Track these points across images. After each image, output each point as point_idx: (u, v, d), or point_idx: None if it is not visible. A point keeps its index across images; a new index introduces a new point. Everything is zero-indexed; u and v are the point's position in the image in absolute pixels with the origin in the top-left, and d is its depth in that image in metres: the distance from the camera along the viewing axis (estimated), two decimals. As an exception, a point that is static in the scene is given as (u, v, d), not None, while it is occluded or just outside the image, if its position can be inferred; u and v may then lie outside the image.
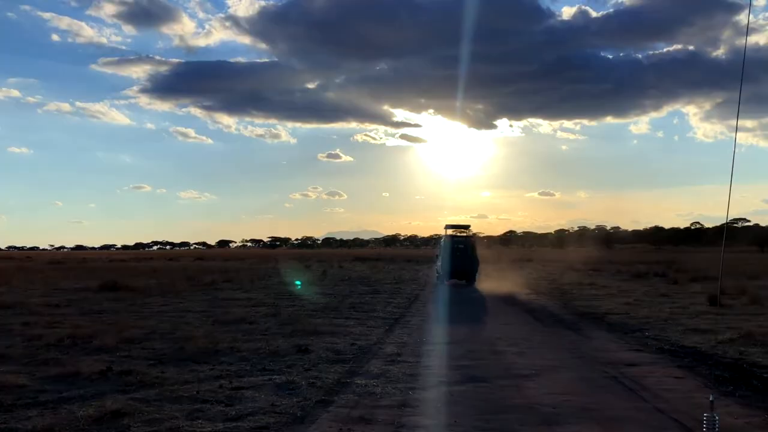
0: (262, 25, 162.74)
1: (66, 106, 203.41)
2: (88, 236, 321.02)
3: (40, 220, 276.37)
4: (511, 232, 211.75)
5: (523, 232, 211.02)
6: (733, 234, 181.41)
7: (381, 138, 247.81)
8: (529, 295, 25.62)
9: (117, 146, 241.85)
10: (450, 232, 32.74)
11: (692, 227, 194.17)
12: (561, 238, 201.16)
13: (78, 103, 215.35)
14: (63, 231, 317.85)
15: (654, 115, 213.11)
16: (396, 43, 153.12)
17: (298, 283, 28.99)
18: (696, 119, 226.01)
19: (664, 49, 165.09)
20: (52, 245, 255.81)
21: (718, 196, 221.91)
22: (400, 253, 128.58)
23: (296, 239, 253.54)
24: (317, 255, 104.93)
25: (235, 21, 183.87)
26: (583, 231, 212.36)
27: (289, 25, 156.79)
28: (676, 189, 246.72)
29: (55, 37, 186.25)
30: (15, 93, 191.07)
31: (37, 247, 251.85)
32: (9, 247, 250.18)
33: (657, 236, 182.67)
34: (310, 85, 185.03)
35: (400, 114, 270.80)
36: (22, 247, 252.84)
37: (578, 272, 43.19)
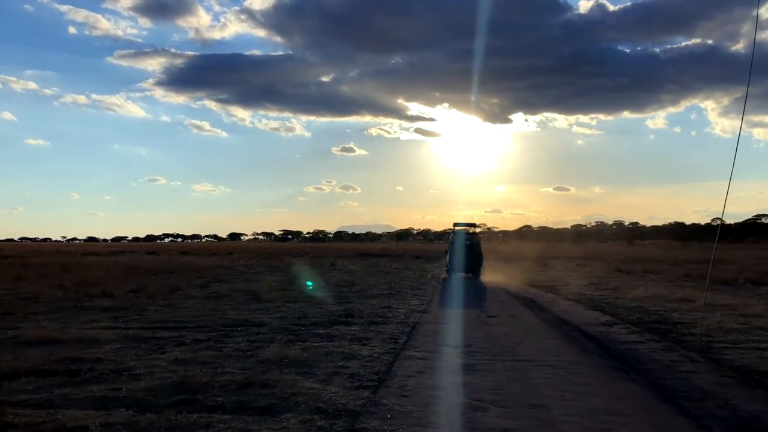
0: (278, 17, 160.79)
1: (82, 99, 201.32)
2: (103, 228, 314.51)
3: (56, 212, 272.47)
4: (527, 226, 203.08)
5: (539, 227, 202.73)
6: (760, 230, 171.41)
7: (395, 132, 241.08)
8: (633, 342, 14.77)
9: (132, 139, 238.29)
10: (458, 230, 33.87)
11: (713, 223, 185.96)
12: (579, 233, 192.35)
13: (94, 96, 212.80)
14: (79, 223, 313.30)
15: (671, 110, 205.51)
16: (411, 36, 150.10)
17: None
18: (714, 114, 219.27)
19: (683, 44, 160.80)
20: (64, 236, 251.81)
21: (736, 192, 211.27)
22: (411, 247, 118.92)
23: (308, 233, 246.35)
24: (322, 249, 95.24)
25: (250, 14, 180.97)
26: (601, 226, 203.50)
27: (304, 18, 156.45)
28: (693, 185, 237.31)
29: (71, 30, 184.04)
30: (32, 85, 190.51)
31: (50, 239, 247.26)
32: (21, 239, 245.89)
33: (679, 232, 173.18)
34: (325, 79, 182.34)
35: (414, 108, 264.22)
36: (35, 239, 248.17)
37: (634, 277, 32.68)
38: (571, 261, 56.03)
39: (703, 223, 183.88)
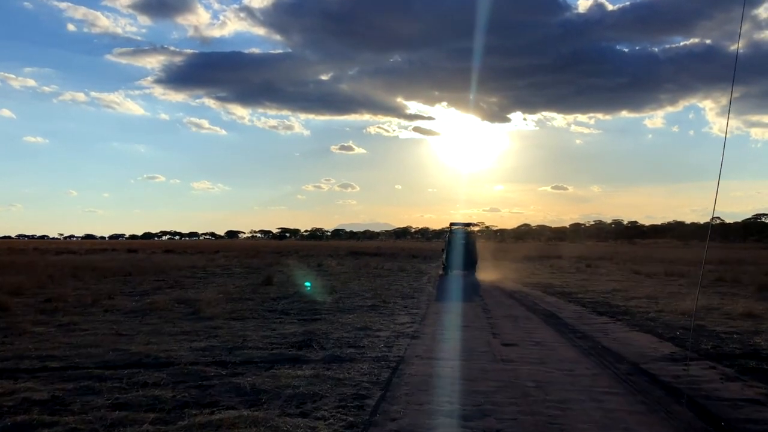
0: (277, 16, 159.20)
1: (81, 96, 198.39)
2: (101, 225, 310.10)
3: (55, 209, 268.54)
4: (525, 225, 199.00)
5: (538, 226, 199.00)
6: (761, 229, 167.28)
7: (394, 130, 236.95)
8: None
9: (131, 136, 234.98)
10: (455, 229, 34.13)
11: (713, 222, 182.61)
12: (578, 231, 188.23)
13: (93, 93, 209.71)
14: (77, 220, 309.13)
15: (670, 109, 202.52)
16: (410, 35, 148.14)
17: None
18: (712, 114, 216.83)
19: (681, 43, 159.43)
20: (62, 234, 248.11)
21: (733, 192, 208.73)
22: (408, 246, 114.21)
23: (306, 231, 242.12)
24: (316, 248, 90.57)
25: (249, 12, 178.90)
26: (600, 225, 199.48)
27: (303, 16, 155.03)
28: (690, 184, 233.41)
29: (71, 27, 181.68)
30: (31, 82, 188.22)
31: (47, 236, 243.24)
32: (19, 236, 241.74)
33: (681, 232, 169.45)
34: (324, 77, 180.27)
35: (413, 106, 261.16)
36: (32, 236, 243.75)
37: (660, 281, 28.09)
38: (578, 261, 51.47)
39: (702, 222, 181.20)
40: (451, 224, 34.99)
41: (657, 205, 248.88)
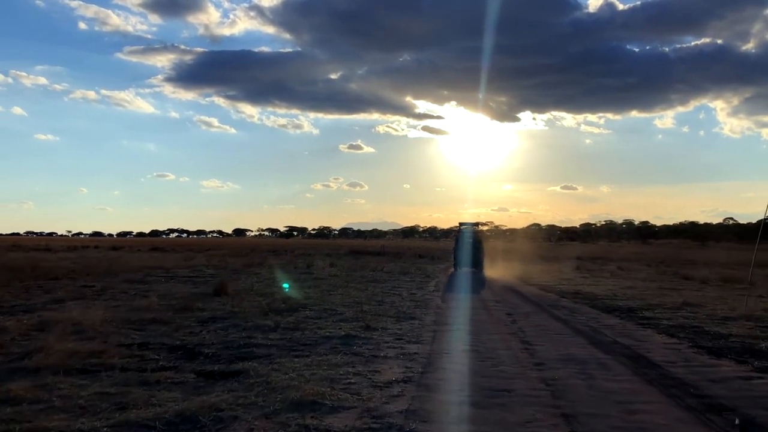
0: (287, 14, 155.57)
1: (92, 94, 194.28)
2: (111, 223, 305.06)
3: (66, 207, 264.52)
4: (535, 224, 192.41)
5: (548, 226, 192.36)
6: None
7: (403, 129, 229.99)
8: None
9: (141, 134, 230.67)
10: (463, 229, 35.13)
11: (725, 223, 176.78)
12: (588, 231, 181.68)
13: (103, 91, 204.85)
14: (87, 217, 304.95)
15: (680, 109, 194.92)
16: (419, 34, 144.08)
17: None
18: (723, 114, 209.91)
19: (692, 43, 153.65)
20: (70, 231, 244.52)
21: (743, 193, 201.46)
22: (415, 245, 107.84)
23: (313, 229, 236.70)
24: (319, 246, 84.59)
25: (259, 10, 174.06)
26: (611, 225, 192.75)
27: (313, 15, 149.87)
28: (700, 185, 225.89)
29: (81, 26, 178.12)
30: (42, 80, 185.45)
31: (55, 233, 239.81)
32: (27, 233, 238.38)
33: (695, 232, 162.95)
34: (333, 76, 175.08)
35: (422, 105, 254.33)
36: (41, 233, 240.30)
37: (722, 290, 21.63)
38: (603, 263, 45.13)
39: (714, 222, 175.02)
40: (461, 224, 36.22)
41: (666, 205, 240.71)
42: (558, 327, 12.47)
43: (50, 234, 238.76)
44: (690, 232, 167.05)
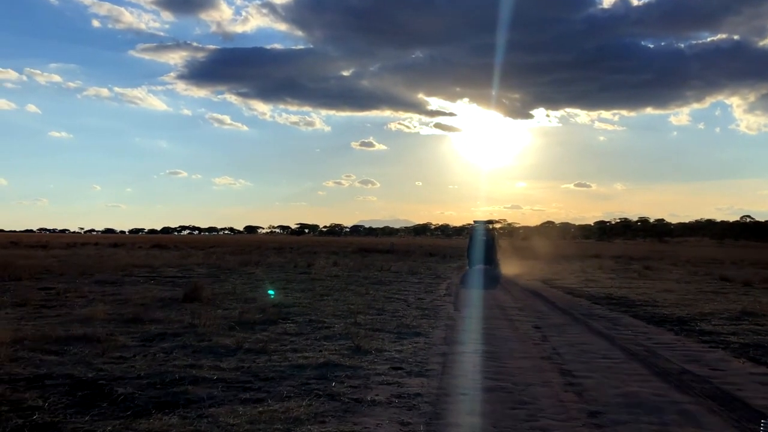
0: (299, 12, 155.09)
1: (105, 92, 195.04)
2: (124, 220, 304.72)
3: (79, 204, 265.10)
4: (549, 222, 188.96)
5: (562, 223, 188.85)
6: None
7: (415, 127, 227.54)
8: None
9: (154, 132, 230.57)
10: (477, 226, 34.46)
11: (742, 220, 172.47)
12: (603, 229, 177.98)
13: (116, 89, 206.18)
14: (100, 214, 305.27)
15: (696, 106, 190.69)
16: (432, 30, 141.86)
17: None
18: (740, 111, 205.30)
19: (708, 39, 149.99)
20: (82, 228, 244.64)
21: (761, 190, 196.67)
22: (427, 242, 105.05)
23: (324, 227, 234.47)
24: (328, 243, 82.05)
25: (272, 8, 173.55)
26: (626, 223, 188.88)
27: (325, 12, 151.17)
28: (716, 182, 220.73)
29: (95, 23, 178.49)
30: (56, 78, 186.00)
31: (68, 230, 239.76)
32: (40, 229, 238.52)
33: (714, 230, 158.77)
34: (345, 73, 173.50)
35: (434, 102, 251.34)
36: (53, 230, 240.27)
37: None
38: (627, 262, 42.25)
39: (731, 220, 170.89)
40: (474, 222, 35.94)
41: (681, 203, 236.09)
42: (603, 347, 9.74)
43: (63, 231, 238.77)
44: (707, 230, 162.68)
